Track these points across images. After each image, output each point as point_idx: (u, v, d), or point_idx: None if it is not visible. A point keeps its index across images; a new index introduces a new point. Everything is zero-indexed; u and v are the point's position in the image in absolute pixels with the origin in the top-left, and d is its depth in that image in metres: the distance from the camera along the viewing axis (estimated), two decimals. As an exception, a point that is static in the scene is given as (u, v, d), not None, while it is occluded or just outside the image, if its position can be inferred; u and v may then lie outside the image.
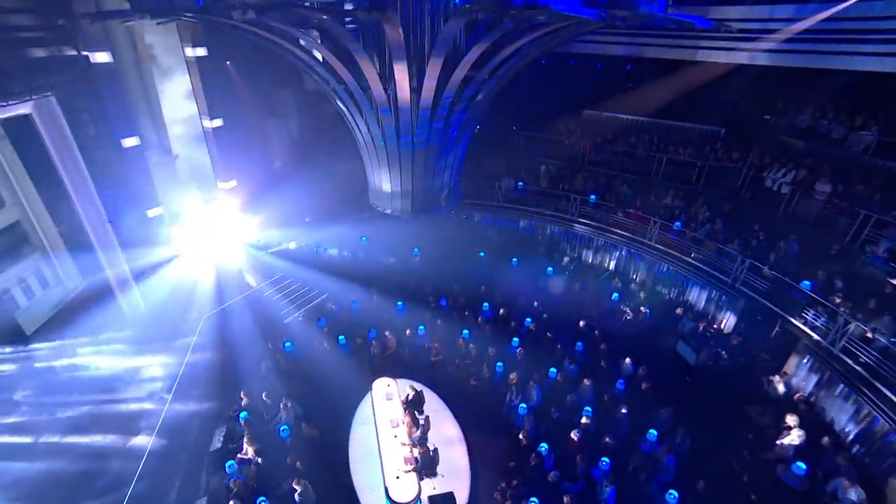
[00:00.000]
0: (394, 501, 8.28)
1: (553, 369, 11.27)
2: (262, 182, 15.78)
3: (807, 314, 10.51)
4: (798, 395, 10.17)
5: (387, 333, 12.65)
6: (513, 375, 11.02)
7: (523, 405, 10.15)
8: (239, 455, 9.05)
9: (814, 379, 10.31)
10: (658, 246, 13.84)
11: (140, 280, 12.78)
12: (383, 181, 11.41)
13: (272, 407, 10.24)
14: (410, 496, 8.41)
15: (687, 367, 11.72)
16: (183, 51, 12.85)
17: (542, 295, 14.24)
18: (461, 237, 16.78)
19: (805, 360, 10.54)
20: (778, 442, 9.30)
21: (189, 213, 14.09)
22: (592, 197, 15.45)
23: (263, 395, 10.34)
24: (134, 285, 12.64)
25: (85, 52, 10.70)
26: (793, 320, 10.68)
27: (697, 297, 13.39)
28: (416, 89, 9.32)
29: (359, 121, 10.68)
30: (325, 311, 14.12)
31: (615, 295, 13.79)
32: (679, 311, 13.13)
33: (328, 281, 14.92)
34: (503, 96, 19.03)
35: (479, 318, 13.20)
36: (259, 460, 9.02)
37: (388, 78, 9.43)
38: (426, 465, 8.87)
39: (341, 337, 12.51)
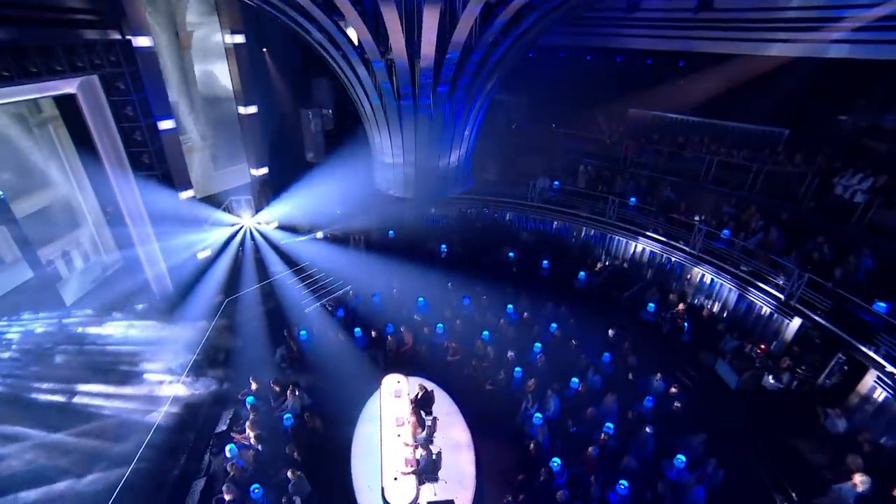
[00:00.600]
0: (385, 501, 7.85)
1: (575, 379, 10.47)
2: (293, 171, 15.89)
3: (880, 341, 9.11)
4: (864, 434, 8.78)
5: (402, 329, 12.28)
6: (531, 382, 10.32)
7: (538, 415, 9.45)
8: (238, 436, 8.94)
9: (885, 417, 8.91)
10: (702, 255, 12.65)
11: (170, 260, 13.12)
12: (385, 153, 10.88)
13: (279, 394, 10.09)
14: (407, 500, 7.95)
15: (726, 389, 10.56)
16: (222, 38, 13.10)
17: (571, 300, 13.39)
18: (491, 235, 16.19)
19: (875, 395, 9.15)
20: (835, 486, 8.03)
21: (220, 197, 14.38)
22: (633, 200, 14.41)
23: (272, 382, 10.22)
24: (163, 265, 12.99)
25: (128, 37, 11.05)
26: (861, 347, 9.30)
27: (744, 312, 12.08)
28: (413, 42, 8.80)
29: (358, 86, 10.24)
30: (346, 301, 13.94)
31: (651, 305, 12.72)
32: (722, 327, 11.92)
33: (352, 271, 14.84)
34: (543, 92, 18.48)
35: (502, 320, 12.55)
36: (259, 447, 8.86)
37: (377, 25, 8.95)
38: (427, 468, 8.37)
39: (357, 329, 12.27)
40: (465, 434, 9.95)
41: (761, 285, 11.34)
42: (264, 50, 13.77)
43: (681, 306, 12.69)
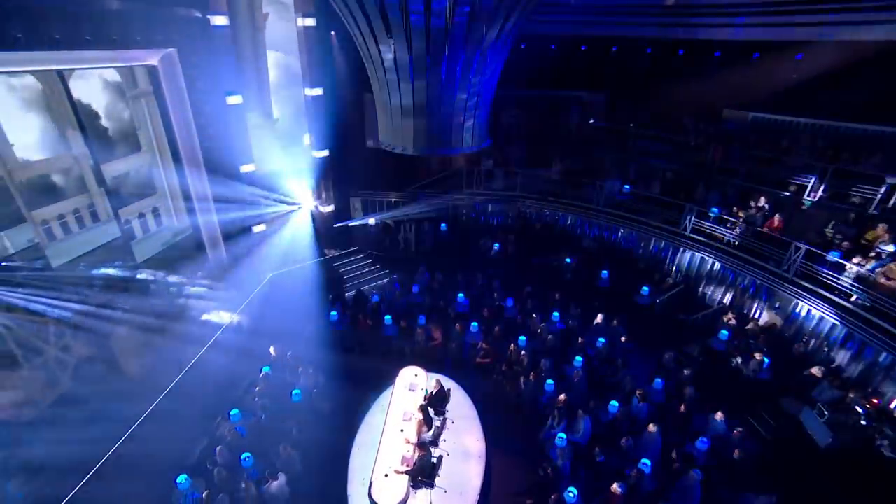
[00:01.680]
0: (372, 500, 7.16)
1: (615, 403, 9.00)
2: (353, 155, 16.01)
3: None
4: None
5: (433, 323, 11.61)
6: (561, 397, 9.08)
7: (563, 435, 8.19)
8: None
9: None
10: (799, 280, 10.40)
11: (227, 231, 13.73)
12: (390, 92, 9.87)
13: (294, 369, 9.91)
14: (393, 500, 7.20)
15: (813, 447, 8.42)
16: (295, 20, 13.55)
17: (628, 316, 11.79)
18: (548, 238, 14.96)
19: None
20: None
21: (279, 175, 14.85)
22: (714, 210, 12.39)
23: (288, 355, 10.08)
24: (220, 235, 13.62)
25: (207, 15, 11.75)
26: None
27: (853, 356, 9.68)
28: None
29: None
30: (385, 288, 13.62)
31: (724, 333, 10.70)
32: (818, 371, 9.62)
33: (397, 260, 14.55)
34: (626, 90, 16.87)
35: (542, 326, 11.36)
36: (263, 416, 8.67)
37: None
38: (421, 471, 7.55)
39: (388, 317, 11.82)
40: (480, 444, 8.97)
41: (882, 324, 8.95)
42: (332, 33, 14.06)
43: (763, 338, 10.56)
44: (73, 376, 9.78)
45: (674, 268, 13.18)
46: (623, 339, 10.88)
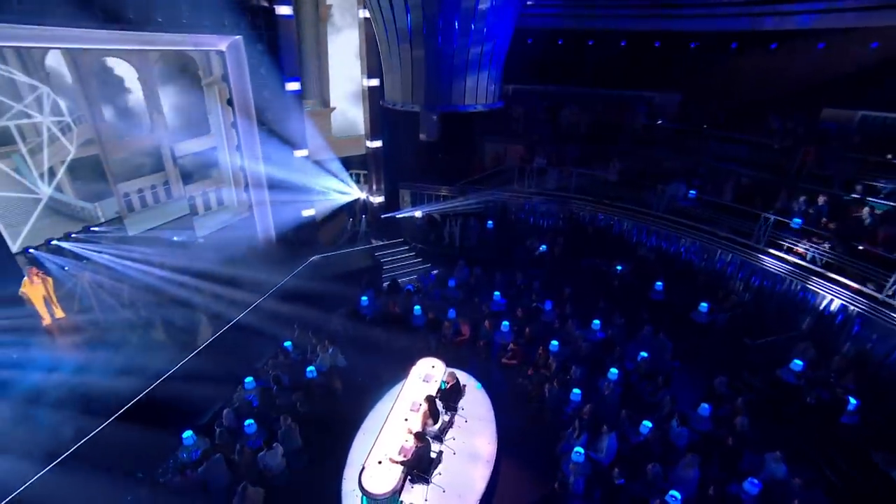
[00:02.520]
0: (361, 486, 6.81)
1: (648, 423, 7.91)
2: (405, 146, 16.04)
3: None
4: None
5: (461, 318, 11.12)
6: (586, 408, 8.18)
7: (580, 449, 7.30)
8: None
9: None
10: (902, 307, 8.57)
11: (278, 213, 14.29)
12: (392, 46, 9.16)
13: (314, 346, 9.92)
14: (381, 489, 6.79)
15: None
16: (357, 12, 13.90)
17: (681, 333, 10.48)
18: (600, 243, 13.86)
19: None
20: None
21: (333, 163, 15.27)
22: (797, 221, 10.68)
23: (310, 332, 10.12)
24: (271, 216, 14.20)
25: (273, 5, 12.37)
26: None
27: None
28: None
29: None
30: (421, 278, 13.38)
31: (797, 363, 9.06)
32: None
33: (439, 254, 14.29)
34: (702, 88, 15.29)
35: (578, 333, 10.43)
36: (274, 388, 8.70)
37: None
38: (417, 463, 7.08)
39: (417, 307, 11.53)
40: (491, 447, 8.34)
41: None
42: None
43: (851, 376, 8.79)
44: (128, 325, 10.51)
45: (741, 285, 11.54)
46: (670, 355, 9.64)
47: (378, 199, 16.85)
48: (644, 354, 9.65)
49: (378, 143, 15.83)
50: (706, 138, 14.25)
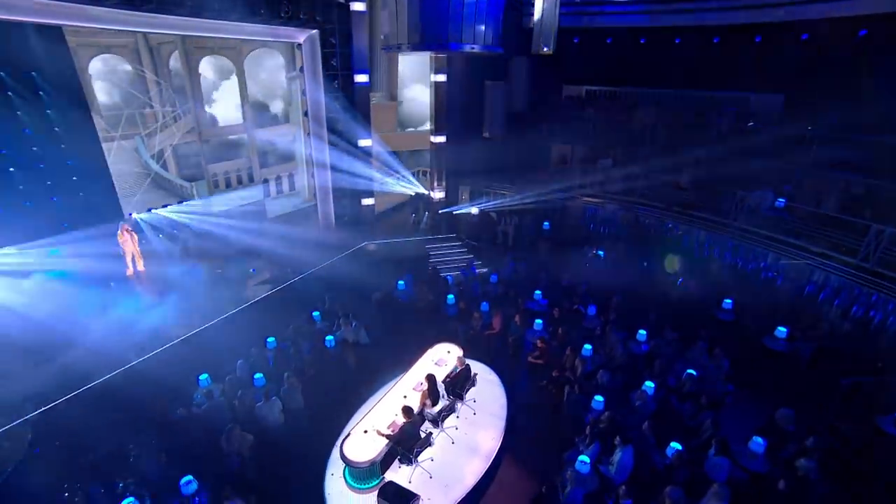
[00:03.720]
0: (341, 452, 6.64)
1: (677, 445, 6.72)
2: (469, 143, 15.98)
3: None
4: None
5: (494, 311, 10.60)
6: (605, 416, 7.22)
7: (586, 458, 6.41)
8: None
9: None
10: None
11: (339, 201, 15.00)
12: None
13: (338, 319, 10.07)
14: (360, 458, 6.57)
15: None
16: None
17: (747, 359, 8.92)
18: (661, 250, 12.42)
19: None
20: None
21: (397, 155, 15.69)
22: (921, 236, 8.58)
23: (338, 305, 10.31)
24: (332, 204, 14.95)
25: (349, 1, 13.19)
26: None
27: None
28: None
29: None
30: (462, 271, 13.07)
31: (899, 411, 7.16)
32: None
33: (487, 249, 13.94)
34: (812, 88, 13.16)
35: (615, 339, 9.35)
36: (291, 350, 8.96)
37: None
38: (401, 440, 6.72)
39: (451, 296, 11.24)
40: (493, 444, 7.72)
41: None
42: (460, 20, 14.39)
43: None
44: (195, 281, 11.74)
45: (837, 312, 9.52)
46: (723, 377, 8.20)
47: (439, 195, 16.95)
48: (692, 372, 8.32)
49: (442, 139, 15.96)
50: (809, 142, 12.17)
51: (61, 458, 6.82)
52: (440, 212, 16.64)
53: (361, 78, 14.05)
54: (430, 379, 7.67)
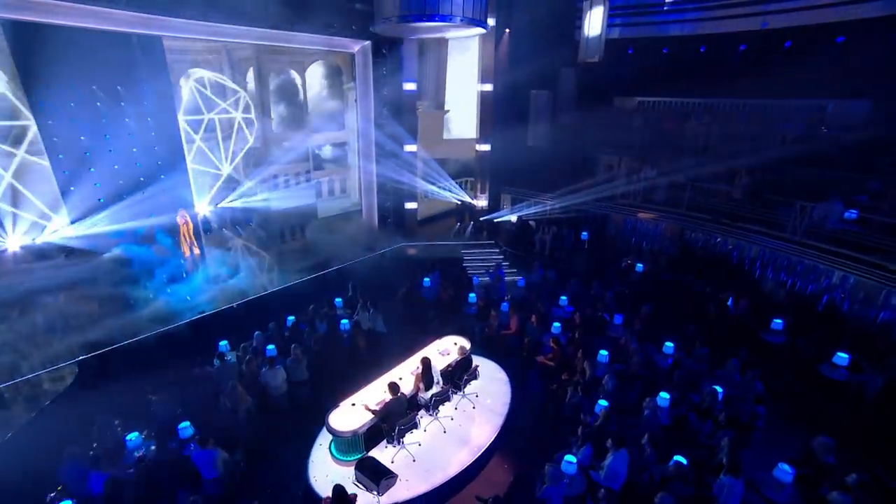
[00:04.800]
0: (326, 420, 6.78)
1: (681, 459, 6.05)
2: (513, 151, 15.95)
3: None
4: None
5: (511, 311, 10.33)
6: (601, 418, 6.71)
7: (572, 458, 5.99)
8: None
9: None
10: None
11: (383, 202, 15.63)
12: None
13: (356, 305, 10.38)
14: (343, 427, 6.65)
15: None
16: (478, 21, 14.74)
17: (795, 383, 7.90)
18: (712, 273, 11.35)
19: None
20: None
21: (442, 162, 16.07)
22: None
23: (359, 293, 10.65)
24: (375, 204, 15.60)
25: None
26: None
27: None
28: None
29: None
30: (489, 273, 12.92)
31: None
32: None
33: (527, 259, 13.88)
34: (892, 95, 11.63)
35: (634, 347, 8.68)
36: (307, 325, 9.40)
37: None
38: (385, 417, 6.71)
39: (472, 295, 11.17)
40: (485, 439, 7.47)
41: None
42: (506, 31, 14.58)
43: None
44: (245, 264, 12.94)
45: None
46: (753, 397, 7.26)
47: (482, 203, 17.02)
48: (719, 389, 7.47)
49: (487, 147, 16.13)
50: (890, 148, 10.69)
51: (94, 398, 7.66)
52: (481, 219, 16.68)
53: (409, 86, 14.70)
54: (425, 362, 7.65)
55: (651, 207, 13.13)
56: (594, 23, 12.85)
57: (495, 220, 16.35)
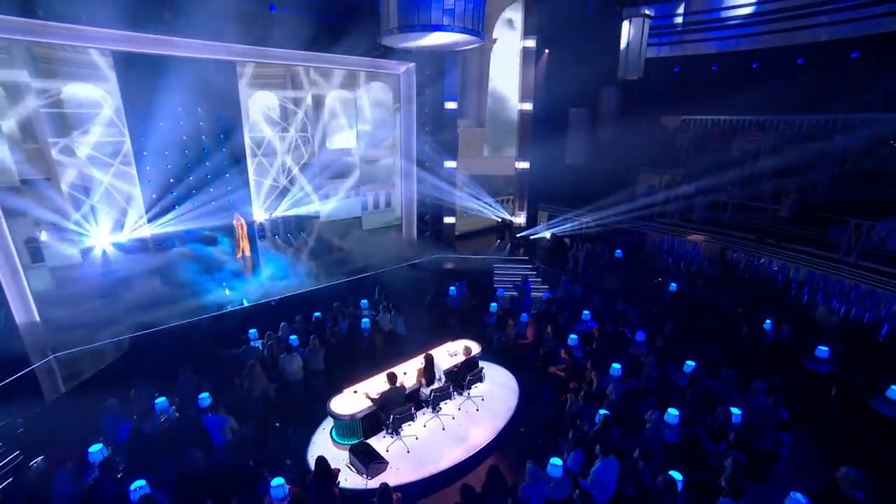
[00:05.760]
0: (328, 404, 7.16)
1: (677, 475, 5.72)
2: (551, 169, 16.00)
3: None
4: None
5: (529, 322, 10.29)
6: (597, 426, 6.52)
7: (558, 461, 5.90)
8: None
9: None
10: None
11: (422, 216, 16.25)
12: None
13: (379, 307, 10.83)
14: (341, 411, 7.01)
15: None
16: (521, 41, 15.23)
17: (834, 415, 7.18)
18: (753, 297, 10.58)
19: None
20: None
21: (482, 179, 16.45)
22: None
23: (383, 295, 11.14)
24: (415, 221, 16.25)
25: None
26: None
27: None
28: None
29: None
30: (516, 286, 12.89)
31: None
32: None
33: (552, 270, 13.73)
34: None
35: (647, 360, 8.30)
36: (330, 321, 9.99)
37: None
38: (382, 405, 6.96)
39: (493, 304, 11.25)
40: (483, 439, 7.50)
41: None
42: (546, 51, 14.82)
43: None
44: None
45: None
46: (774, 422, 6.68)
47: (520, 220, 17.10)
48: (736, 411, 6.96)
49: (526, 164, 16.31)
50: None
51: (133, 368, 8.66)
52: (517, 235, 16.74)
53: (451, 105, 15.37)
54: (428, 358, 7.86)
55: (690, 227, 12.55)
56: (633, 41, 12.81)
57: (531, 237, 16.33)
